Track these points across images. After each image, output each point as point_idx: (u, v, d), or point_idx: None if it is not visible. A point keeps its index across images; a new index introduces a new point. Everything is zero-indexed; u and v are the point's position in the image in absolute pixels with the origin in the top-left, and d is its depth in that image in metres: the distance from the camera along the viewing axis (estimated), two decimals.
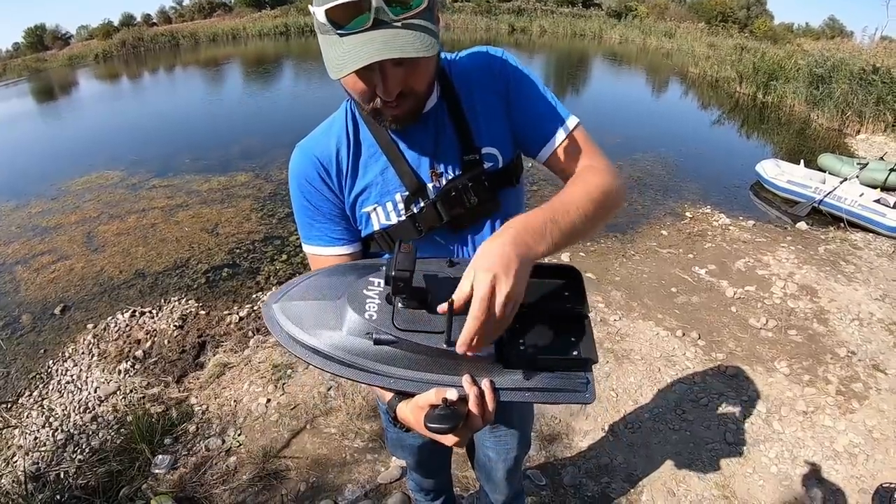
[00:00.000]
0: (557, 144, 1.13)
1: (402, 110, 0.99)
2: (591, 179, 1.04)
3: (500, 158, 1.15)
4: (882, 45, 16.10)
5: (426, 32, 0.88)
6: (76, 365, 4.07)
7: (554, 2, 47.23)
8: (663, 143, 9.82)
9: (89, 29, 47.15)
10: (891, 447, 2.92)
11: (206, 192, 7.44)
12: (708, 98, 16.19)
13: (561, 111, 1.15)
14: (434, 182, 1.14)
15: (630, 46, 32.41)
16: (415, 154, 1.13)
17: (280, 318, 0.96)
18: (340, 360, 0.90)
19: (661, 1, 46.23)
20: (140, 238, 6.16)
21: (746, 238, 5.70)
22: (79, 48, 39.28)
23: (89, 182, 8.30)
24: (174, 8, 52.19)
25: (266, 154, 9.06)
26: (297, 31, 39.13)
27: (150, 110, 15.38)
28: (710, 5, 42.28)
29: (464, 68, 1.16)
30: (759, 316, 4.17)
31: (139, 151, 9.84)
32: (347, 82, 0.96)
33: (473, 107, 1.14)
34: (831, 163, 7.99)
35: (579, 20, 40.17)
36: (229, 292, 4.93)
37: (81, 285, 5.23)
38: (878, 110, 11.32)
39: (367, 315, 0.90)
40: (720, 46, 22.98)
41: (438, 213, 1.14)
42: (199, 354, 4.06)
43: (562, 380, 0.93)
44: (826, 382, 3.44)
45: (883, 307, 4.34)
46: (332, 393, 3.25)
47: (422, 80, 0.97)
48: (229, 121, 12.74)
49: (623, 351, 3.66)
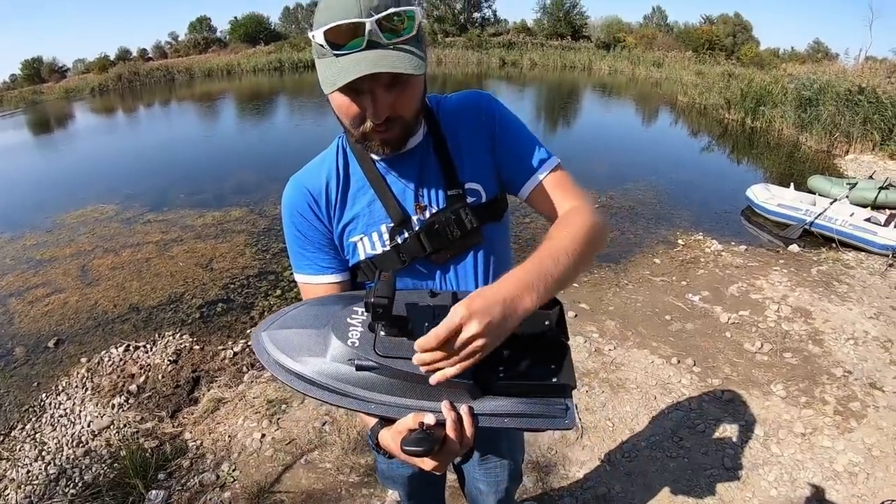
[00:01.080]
0: (539, 182, 1.19)
1: (390, 135, 1.05)
2: (576, 221, 1.08)
3: (484, 194, 1.21)
4: (867, 65, 16.35)
5: (415, 56, 0.95)
6: (69, 398, 4.04)
7: (543, 35, 48.12)
8: (654, 172, 9.91)
9: (86, 62, 47.67)
10: (891, 464, 2.92)
11: (200, 227, 7.46)
12: (697, 125, 16.40)
13: (543, 152, 1.21)
14: (419, 214, 1.18)
15: (619, 77, 32.86)
16: (401, 187, 1.19)
17: (268, 346, 1.00)
18: (324, 385, 0.94)
19: (649, 31, 47.11)
20: (134, 272, 6.15)
21: (739, 263, 5.73)
22: (75, 81, 39.57)
23: (84, 215, 8.32)
24: (170, 43, 52.94)
25: (260, 189, 9.10)
26: (291, 66, 39.64)
27: (145, 144, 15.49)
28: (697, 34, 43.07)
29: (451, 108, 1.23)
30: (753, 340, 4.18)
31: (134, 185, 9.88)
32: (340, 106, 1.02)
33: (459, 144, 1.20)
34: (821, 184, 8.07)
35: (569, 52, 40.78)
36: (224, 327, 4.92)
37: (75, 318, 5.21)
38: (866, 130, 11.51)
39: (350, 342, 0.94)
40: (708, 74, 23.30)
41: (422, 244, 1.18)
42: (193, 389, 4.04)
43: (541, 406, 0.95)
44: (823, 403, 3.45)
45: (878, 325, 4.36)
46: (326, 428, 3.23)
47: (409, 106, 1.03)
48: (224, 156, 12.84)
49: (618, 380, 3.66)
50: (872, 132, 11.42)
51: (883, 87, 11.89)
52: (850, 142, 11.81)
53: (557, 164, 1.21)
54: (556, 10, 49.38)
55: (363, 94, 0.97)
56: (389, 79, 0.96)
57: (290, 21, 56.52)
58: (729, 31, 44.30)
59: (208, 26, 53.01)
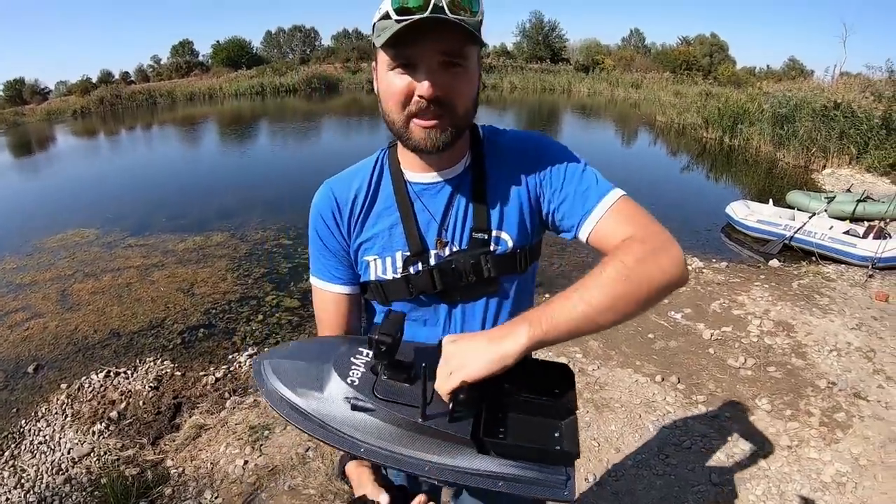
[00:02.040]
0: (597, 220, 1.07)
1: (437, 123, 0.99)
2: (615, 261, 0.94)
3: (511, 245, 1.14)
4: (841, 80, 16.67)
5: (477, 31, 0.94)
6: (49, 425, 3.97)
7: (523, 58, 48.62)
8: (633, 192, 9.52)
9: (68, 85, 47.42)
10: (879, 473, 2.94)
11: (181, 252, 7.41)
12: (676, 145, 16.63)
13: (603, 185, 1.10)
14: (438, 250, 1.13)
15: (598, 98, 33.34)
16: (427, 217, 1.14)
17: (267, 373, 0.99)
18: (318, 421, 0.92)
19: (627, 53, 47.83)
20: (115, 297, 6.09)
21: (720, 280, 5.78)
22: (57, 104, 39.34)
23: (65, 239, 8.23)
24: (152, 66, 52.77)
25: (242, 214, 9.09)
26: (273, 90, 39.75)
27: (126, 168, 15.44)
28: (675, 55, 43.77)
29: (503, 145, 1.17)
30: (737, 355, 4.21)
31: (115, 210, 9.82)
32: (390, 85, 0.98)
33: (497, 186, 1.14)
34: (799, 199, 8.20)
35: (548, 75, 41.38)
36: (205, 353, 4.87)
37: (55, 344, 5.14)
38: (842, 144, 11.77)
39: (350, 381, 0.92)
40: (686, 94, 23.78)
41: (433, 281, 1.13)
42: (174, 416, 3.98)
43: (540, 473, 0.87)
44: (808, 415, 3.48)
45: (860, 335, 4.41)
46: (310, 454, 3.19)
47: (462, 94, 1.00)
48: (205, 180, 12.82)
49: (603, 400, 3.66)
50: (849, 146, 11.68)
51: (858, 102, 12.15)
52: (827, 156, 12.07)
53: (619, 196, 1.09)
54: (535, 33, 50.19)
55: (418, 71, 0.95)
56: (449, 54, 0.94)
57: (271, 45, 56.61)
58: (706, 51, 45.07)
59: (191, 50, 52.99)
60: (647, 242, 0.98)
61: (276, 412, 0.97)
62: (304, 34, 56.72)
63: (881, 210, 7.52)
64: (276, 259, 6.94)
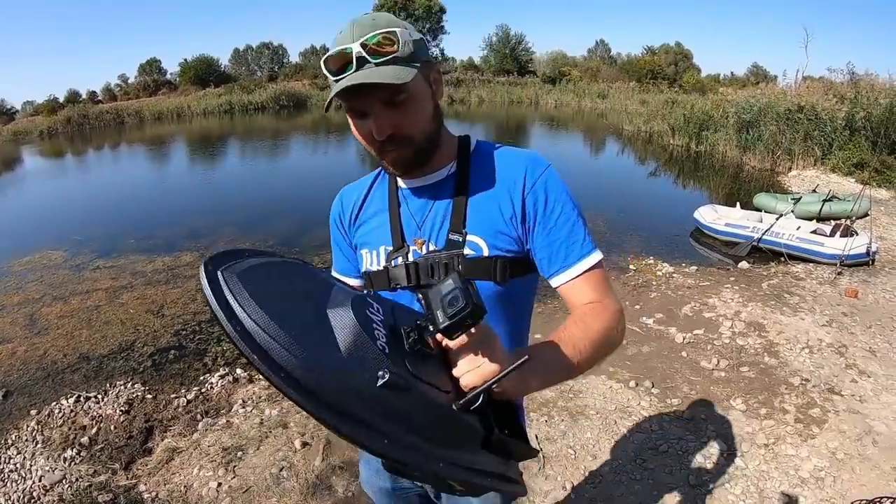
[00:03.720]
0: (574, 277, 1.16)
1: (397, 154, 1.11)
2: (596, 319, 1.09)
3: (485, 250, 1.17)
4: (804, 84, 17.00)
5: (403, 66, 1.02)
6: (19, 453, 3.88)
7: (490, 72, 48.95)
8: (603, 200, 10.11)
9: (34, 105, 46.75)
10: (856, 465, 2.99)
11: (150, 273, 7.30)
12: (643, 153, 16.89)
13: (587, 244, 1.17)
14: (416, 247, 1.22)
15: (566, 110, 33.75)
16: (409, 216, 1.25)
17: (234, 296, 0.68)
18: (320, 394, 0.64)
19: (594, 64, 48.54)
20: (84, 320, 5.98)
21: (691, 283, 5.85)
22: (24, 124, 38.65)
23: (32, 262, 8.06)
24: (119, 85, 52.20)
25: (212, 233, 8.99)
26: (241, 108, 39.40)
27: (94, 189, 15.25)
28: (640, 64, 44.48)
29: (494, 156, 1.24)
30: (710, 357, 4.26)
31: (83, 231, 9.65)
32: (354, 129, 1.12)
33: (479, 193, 1.20)
34: (766, 201, 8.37)
35: (516, 88, 41.84)
36: (176, 375, 4.79)
37: (24, 369, 5.02)
38: (807, 146, 12.06)
39: (380, 344, 0.72)
40: (652, 102, 24.15)
41: (409, 276, 1.20)
42: (146, 439, 3.91)
43: (508, 467, 0.90)
44: (783, 413, 3.53)
45: (831, 332, 4.50)
46: (284, 473, 3.16)
47: (414, 125, 1.09)
48: (174, 200, 12.63)
49: (577, 408, 3.67)
50: (813, 148, 11.97)
51: (821, 105, 12.38)
52: (793, 158, 12.35)
53: (598, 261, 1.17)
54: (502, 46, 50.71)
55: (368, 117, 1.05)
56: (387, 97, 1.03)
57: (240, 63, 56.42)
58: (670, 60, 45.88)
59: (158, 68, 52.55)
60: (618, 312, 1.15)
61: (247, 359, 0.64)
62: (271, 51, 56.71)
63: (847, 209, 7.69)
64: None
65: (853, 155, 11.41)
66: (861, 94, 12.70)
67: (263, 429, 3.61)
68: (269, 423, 3.67)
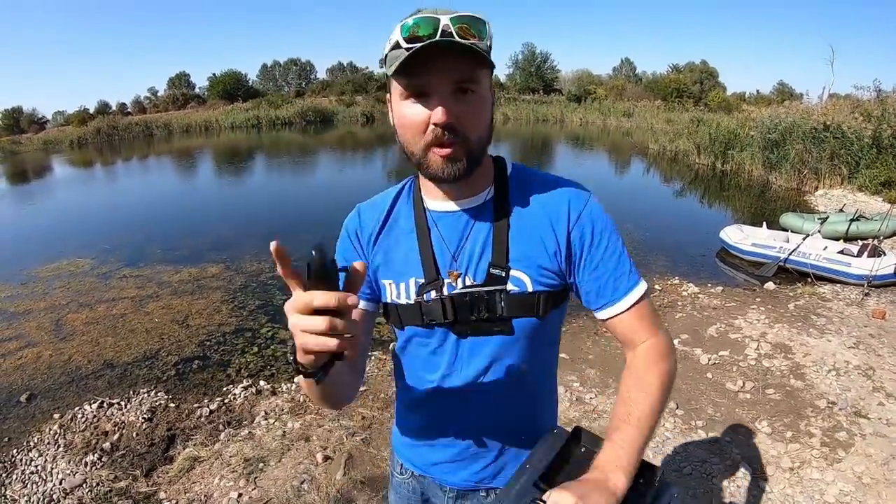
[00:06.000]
0: (621, 311, 1.12)
1: (451, 151, 0.99)
2: (653, 374, 1.09)
3: (529, 286, 1.11)
4: (830, 102, 16.84)
5: (487, 54, 0.95)
6: (41, 455, 3.93)
7: (516, 90, 49.14)
8: (628, 220, 10.00)
9: (65, 115, 47.51)
10: (882, 490, 2.94)
11: (176, 283, 7.40)
12: (669, 171, 16.78)
13: (633, 276, 1.13)
14: (451, 280, 1.12)
15: (591, 128, 33.72)
16: (443, 246, 1.14)
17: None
18: None
19: (619, 82, 48.47)
20: (109, 328, 6.06)
21: (716, 304, 5.80)
22: (54, 133, 39.53)
23: (59, 269, 8.22)
24: (149, 98, 53.17)
25: (237, 246, 9.07)
26: (268, 123, 40.07)
27: (122, 199, 15.48)
28: (665, 83, 44.25)
29: (535, 184, 1.17)
30: (735, 379, 4.21)
31: (110, 240, 9.81)
32: (405, 114, 1.00)
33: (521, 224, 1.13)
34: (793, 221, 8.27)
35: (541, 106, 41.97)
36: (199, 385, 4.84)
37: (49, 373, 5.10)
38: (833, 165, 11.89)
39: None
40: (677, 121, 23.99)
41: (444, 311, 1.12)
42: (168, 448, 3.95)
43: None
44: (809, 436, 3.48)
45: (858, 354, 4.43)
46: (305, 486, 3.17)
47: (475, 123, 1.00)
48: (201, 212, 12.82)
49: (601, 428, 3.65)
50: (840, 166, 11.81)
51: (848, 123, 12.25)
52: (819, 177, 12.20)
53: (643, 293, 1.13)
54: (527, 65, 51.00)
55: (431, 99, 0.96)
56: (459, 80, 0.95)
57: (267, 78, 57.30)
58: (696, 78, 45.55)
59: (187, 82, 53.52)
60: (669, 351, 1.13)
61: None
62: (299, 67, 57.49)
63: (874, 228, 7.57)
64: (271, 291, 6.92)
65: (880, 173, 11.19)
66: (888, 112, 12.39)
67: (285, 441, 3.63)
68: (292, 436, 3.69)
